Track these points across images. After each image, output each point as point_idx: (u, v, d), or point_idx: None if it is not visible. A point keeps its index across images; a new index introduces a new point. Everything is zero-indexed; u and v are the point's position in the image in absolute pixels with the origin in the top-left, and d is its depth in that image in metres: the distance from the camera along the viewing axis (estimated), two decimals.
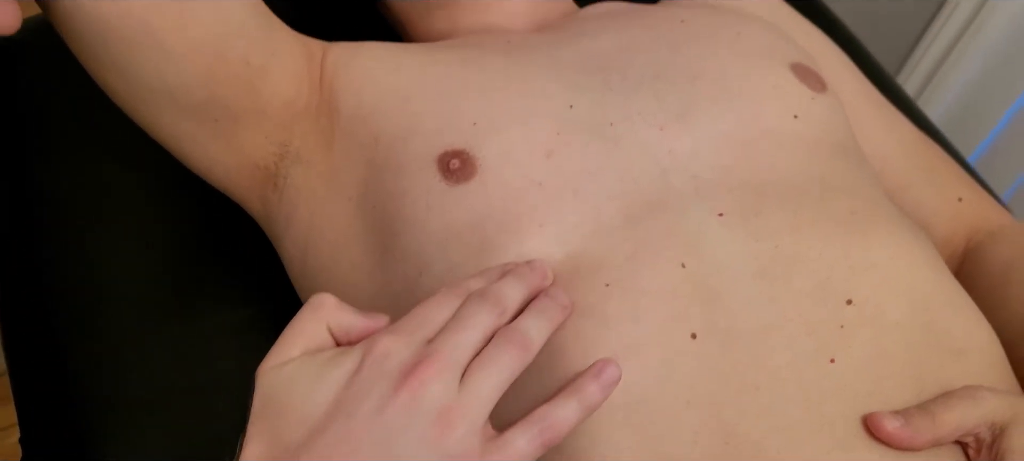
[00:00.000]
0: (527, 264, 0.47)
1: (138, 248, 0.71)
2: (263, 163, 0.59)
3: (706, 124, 0.55)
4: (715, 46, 0.60)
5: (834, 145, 0.57)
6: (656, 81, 0.57)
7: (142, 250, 0.71)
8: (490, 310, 0.42)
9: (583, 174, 0.52)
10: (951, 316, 0.50)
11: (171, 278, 0.71)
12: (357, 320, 0.43)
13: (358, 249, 0.56)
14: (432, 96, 0.55)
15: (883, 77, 0.96)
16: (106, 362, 0.66)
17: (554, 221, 0.50)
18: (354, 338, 0.43)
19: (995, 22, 1.40)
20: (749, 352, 0.46)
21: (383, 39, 0.66)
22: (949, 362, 0.48)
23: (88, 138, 0.74)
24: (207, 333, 0.69)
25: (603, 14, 0.66)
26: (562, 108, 0.55)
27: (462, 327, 0.41)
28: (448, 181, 0.51)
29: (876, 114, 0.71)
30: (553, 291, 0.46)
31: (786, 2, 0.75)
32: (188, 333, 0.68)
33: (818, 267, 0.49)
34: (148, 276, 0.70)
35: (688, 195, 0.52)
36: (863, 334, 0.47)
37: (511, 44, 0.61)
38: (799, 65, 0.61)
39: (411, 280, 0.52)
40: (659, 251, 0.48)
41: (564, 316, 0.45)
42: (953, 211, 0.68)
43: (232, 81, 0.54)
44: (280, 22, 0.59)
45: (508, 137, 0.52)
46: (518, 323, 0.42)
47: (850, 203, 0.53)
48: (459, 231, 0.51)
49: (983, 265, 0.63)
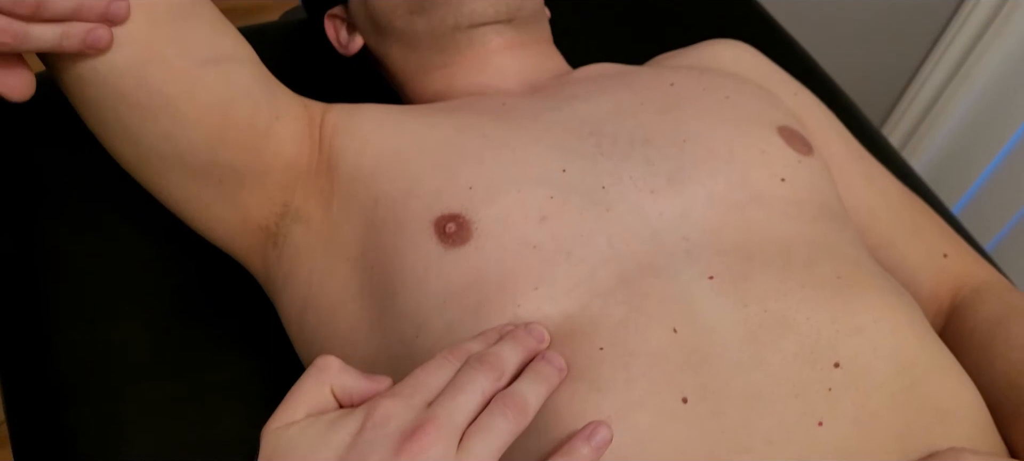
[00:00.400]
0: (524, 327, 0.48)
1: (137, 304, 0.72)
2: (264, 222, 0.60)
3: (696, 187, 0.56)
4: (704, 110, 0.62)
5: (820, 207, 0.59)
6: (646, 146, 0.58)
7: (142, 306, 0.72)
8: (488, 374, 0.43)
9: (577, 237, 0.53)
10: (936, 378, 0.51)
11: (170, 334, 0.71)
12: (360, 382, 0.44)
13: (356, 308, 0.57)
14: (429, 160, 0.57)
15: (868, 129, 0.98)
16: (105, 419, 0.66)
17: (548, 283, 0.51)
18: (357, 400, 0.44)
19: (979, 73, 1.43)
20: (739, 416, 0.47)
21: (382, 97, 0.67)
22: (934, 423, 0.49)
23: (89, 195, 0.75)
24: (206, 389, 0.69)
25: (595, 77, 0.68)
26: (555, 173, 0.56)
27: (461, 391, 0.42)
28: (445, 244, 0.53)
29: (861, 171, 0.73)
30: (549, 354, 0.47)
31: (770, 50, 0.76)
32: (187, 389, 0.69)
33: (806, 331, 0.50)
34: (147, 331, 0.70)
35: (679, 257, 0.53)
36: (850, 397, 0.48)
37: (505, 107, 0.63)
38: (786, 128, 0.62)
39: (408, 340, 0.53)
40: (652, 315, 0.49)
41: (560, 379, 0.46)
42: (938, 267, 0.70)
43: (238, 143, 0.56)
44: (281, 84, 0.61)
45: (503, 202, 0.54)
46: (515, 387, 0.43)
47: (836, 267, 0.54)
48: (456, 292, 0.52)
49: (968, 323, 0.64)
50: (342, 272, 0.58)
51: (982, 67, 1.41)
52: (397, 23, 0.68)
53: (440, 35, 0.67)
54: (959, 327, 0.65)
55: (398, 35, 0.69)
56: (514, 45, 0.69)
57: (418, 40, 0.68)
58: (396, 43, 0.70)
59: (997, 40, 1.36)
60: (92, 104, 0.54)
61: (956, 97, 1.45)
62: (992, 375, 0.58)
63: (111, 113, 0.54)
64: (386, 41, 0.71)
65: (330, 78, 0.82)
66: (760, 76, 0.73)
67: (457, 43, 0.68)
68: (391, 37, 0.70)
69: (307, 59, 0.86)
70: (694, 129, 0.60)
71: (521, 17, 0.68)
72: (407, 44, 0.69)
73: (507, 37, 0.68)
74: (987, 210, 1.46)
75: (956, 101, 1.46)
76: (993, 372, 0.58)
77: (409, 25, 0.68)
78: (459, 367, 0.44)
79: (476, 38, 0.67)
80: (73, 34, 0.48)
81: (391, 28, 0.69)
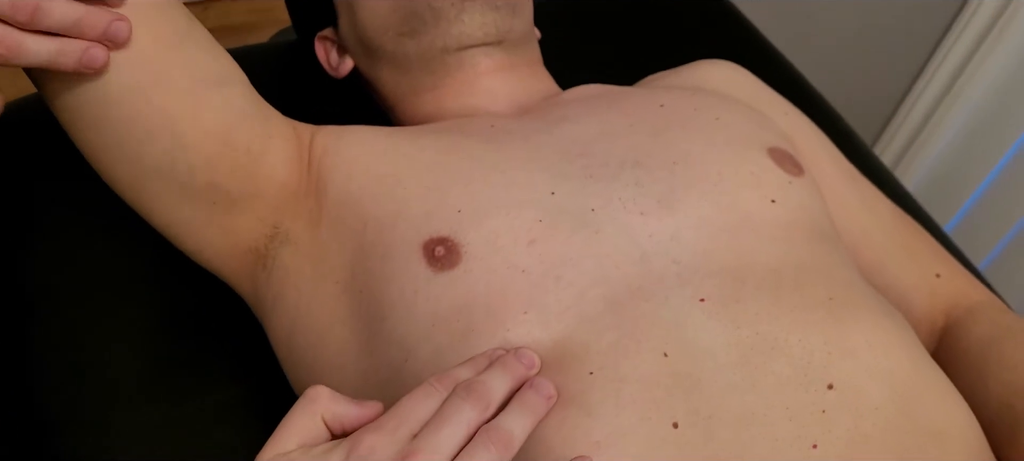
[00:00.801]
0: (514, 353, 0.48)
1: (125, 327, 0.71)
2: (254, 244, 0.60)
3: (686, 209, 0.56)
4: (694, 132, 0.62)
5: (810, 228, 0.59)
6: (636, 168, 0.58)
7: (129, 329, 0.71)
8: (475, 405, 0.43)
9: (566, 261, 0.52)
10: (930, 399, 0.51)
11: (158, 358, 0.70)
12: (351, 409, 0.44)
13: (344, 332, 0.56)
14: (418, 183, 0.56)
15: (861, 149, 0.98)
16: (91, 442, 0.65)
17: (538, 307, 0.51)
18: (348, 428, 0.43)
19: (971, 92, 1.43)
20: (733, 439, 0.46)
21: (372, 120, 0.67)
22: (929, 445, 0.49)
23: (75, 217, 0.75)
24: (195, 413, 0.68)
25: (585, 98, 0.68)
26: (544, 195, 0.56)
27: (446, 423, 0.42)
28: (433, 268, 0.52)
29: (853, 192, 0.72)
30: (538, 382, 0.46)
31: (764, 71, 0.76)
32: (177, 413, 0.68)
33: (798, 353, 0.49)
34: (135, 356, 0.70)
35: (669, 280, 0.52)
36: (844, 419, 0.47)
37: (495, 129, 0.63)
38: (776, 149, 0.62)
39: (397, 364, 0.53)
40: (642, 339, 0.49)
41: (548, 408, 0.46)
42: (931, 287, 0.69)
43: (235, 166, 0.57)
44: (271, 107, 0.61)
45: (492, 225, 0.53)
46: (501, 420, 0.43)
47: (828, 289, 0.54)
48: (445, 317, 0.51)
49: (962, 343, 0.64)
50: (330, 295, 0.57)
51: (974, 86, 1.41)
52: (387, 45, 0.68)
53: (430, 57, 0.67)
54: (952, 347, 0.64)
55: (388, 57, 0.69)
56: (504, 67, 0.69)
57: (408, 62, 0.68)
58: (386, 65, 0.70)
59: (989, 58, 1.37)
60: (90, 124, 0.53)
61: (948, 116, 1.46)
62: (986, 396, 0.57)
63: (111, 135, 0.53)
64: (376, 63, 0.71)
65: (320, 100, 0.82)
66: (750, 96, 0.73)
67: (446, 65, 0.68)
68: (381, 60, 0.70)
69: (297, 81, 0.86)
70: (684, 151, 0.60)
71: (511, 39, 0.68)
72: (397, 66, 0.69)
73: (496, 59, 0.68)
74: (980, 229, 1.46)
75: (948, 120, 1.46)
76: (987, 393, 0.58)
77: (399, 47, 0.68)
78: (446, 396, 0.44)
79: (466, 60, 0.67)
80: (69, 52, 0.47)
81: (381, 50, 0.69)
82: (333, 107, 0.83)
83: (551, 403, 0.46)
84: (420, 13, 0.65)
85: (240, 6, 1.45)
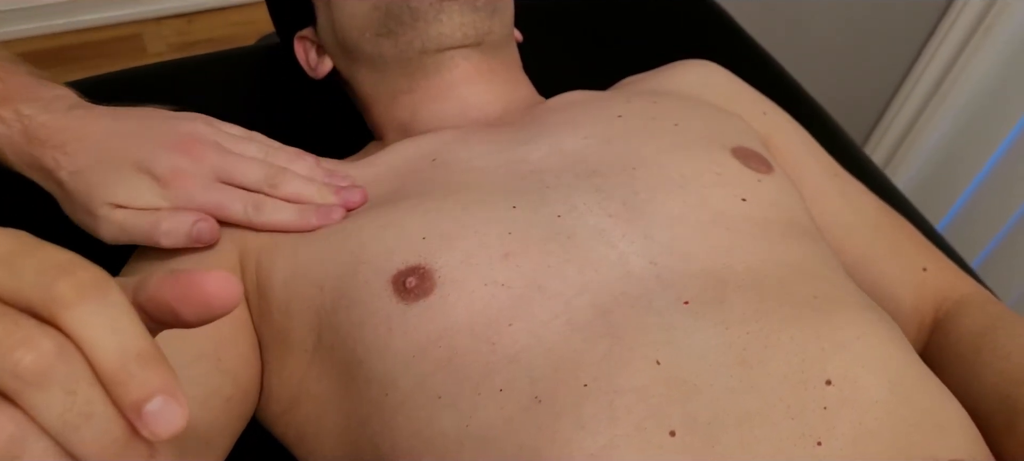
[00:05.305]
0: None
1: None
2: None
3: (654, 208, 0.55)
4: (651, 138, 0.60)
5: (787, 225, 0.57)
6: (593, 176, 0.57)
7: None
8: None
9: (545, 269, 0.51)
10: (926, 390, 0.50)
11: None
12: None
13: (319, 389, 0.55)
14: (371, 224, 0.55)
15: (851, 149, 0.97)
16: None
17: (524, 318, 0.49)
18: None
19: (959, 91, 1.43)
20: (736, 442, 0.44)
21: (351, 121, 0.66)
22: (933, 438, 0.47)
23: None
24: None
25: (565, 106, 0.67)
26: (505, 210, 0.54)
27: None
28: (406, 300, 0.50)
29: (836, 188, 0.72)
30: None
31: (753, 72, 0.75)
32: None
33: (792, 350, 0.48)
34: None
35: (650, 283, 0.51)
36: (846, 415, 0.46)
37: (436, 164, 0.61)
38: (741, 148, 0.61)
39: (377, 400, 0.51)
40: (634, 348, 0.47)
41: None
42: (918, 281, 0.68)
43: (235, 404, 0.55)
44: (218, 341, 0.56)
45: (462, 245, 0.52)
46: None
47: (811, 286, 0.52)
48: (424, 347, 0.49)
49: (952, 336, 0.63)
50: (298, 368, 0.56)
51: (962, 84, 1.41)
52: (365, 46, 0.67)
53: (408, 58, 0.66)
54: (943, 341, 0.63)
55: (366, 58, 0.68)
56: (482, 71, 0.68)
57: (385, 63, 0.67)
58: (364, 66, 0.69)
59: (976, 56, 1.37)
60: None
61: (937, 115, 1.46)
62: (981, 387, 0.56)
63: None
64: (354, 64, 0.70)
65: (302, 103, 0.81)
66: (726, 96, 0.72)
67: (424, 67, 0.67)
68: (359, 60, 0.69)
69: (280, 83, 0.85)
70: (641, 156, 0.58)
71: (490, 41, 0.67)
72: (375, 67, 0.68)
73: (474, 62, 0.67)
74: (972, 227, 1.45)
75: (937, 119, 1.46)
76: (982, 384, 0.56)
77: (377, 48, 0.67)
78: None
79: (443, 62, 0.66)
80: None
81: (359, 51, 0.68)
82: (314, 110, 0.82)
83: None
84: (398, 13, 0.65)
85: (223, 18, 1.45)
